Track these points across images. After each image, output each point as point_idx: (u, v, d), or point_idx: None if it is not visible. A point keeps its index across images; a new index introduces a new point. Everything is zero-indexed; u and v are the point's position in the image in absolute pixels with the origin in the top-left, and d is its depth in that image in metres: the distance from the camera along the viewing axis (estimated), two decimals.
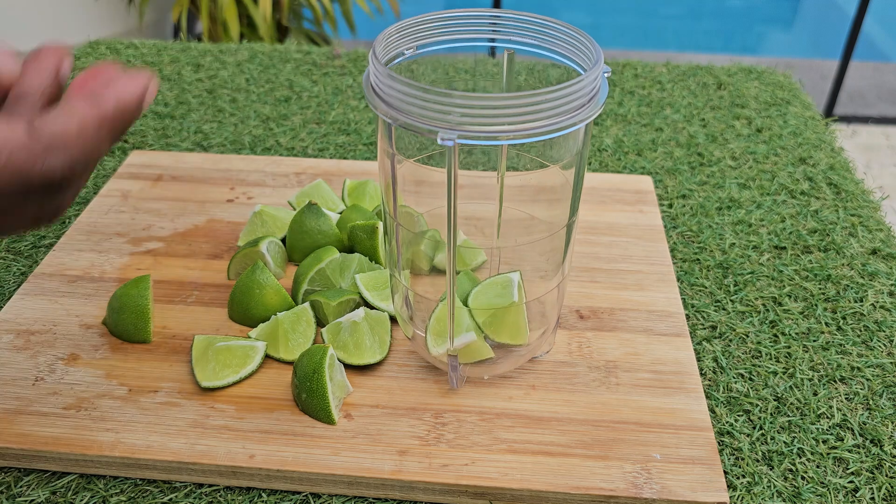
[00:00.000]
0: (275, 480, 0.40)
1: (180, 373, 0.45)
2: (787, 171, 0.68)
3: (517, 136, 0.33)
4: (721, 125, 0.75)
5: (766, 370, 0.47)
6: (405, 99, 0.33)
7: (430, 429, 0.42)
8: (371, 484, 0.39)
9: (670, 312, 0.50)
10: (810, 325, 0.51)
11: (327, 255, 0.50)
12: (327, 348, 0.42)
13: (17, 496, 0.39)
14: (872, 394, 0.46)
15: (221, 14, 1.86)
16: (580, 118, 0.34)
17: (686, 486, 0.39)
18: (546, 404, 0.43)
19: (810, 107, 0.80)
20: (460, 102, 0.32)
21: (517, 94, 0.32)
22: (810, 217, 0.61)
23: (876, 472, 0.42)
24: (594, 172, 0.67)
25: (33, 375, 0.44)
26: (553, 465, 0.40)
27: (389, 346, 0.46)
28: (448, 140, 0.32)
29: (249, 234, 0.55)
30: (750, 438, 0.43)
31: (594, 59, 0.36)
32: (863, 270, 0.56)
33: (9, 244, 0.57)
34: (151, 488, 0.40)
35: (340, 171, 0.64)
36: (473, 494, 0.39)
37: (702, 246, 0.58)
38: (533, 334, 0.44)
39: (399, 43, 0.39)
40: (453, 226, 0.36)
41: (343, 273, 0.50)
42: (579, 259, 0.54)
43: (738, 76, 0.85)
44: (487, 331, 0.42)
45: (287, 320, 0.46)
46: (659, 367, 0.46)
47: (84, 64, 0.85)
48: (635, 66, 0.87)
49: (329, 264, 0.50)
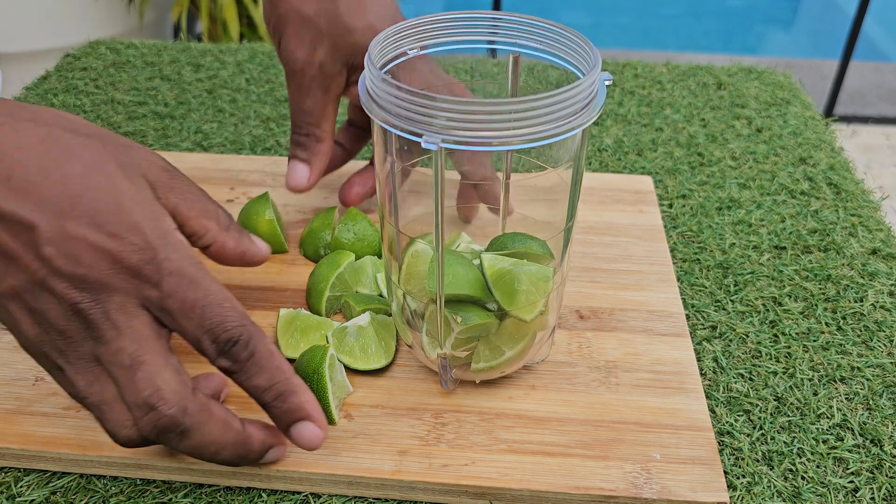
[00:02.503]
0: (275, 480, 0.40)
1: None
2: (787, 171, 0.68)
3: (503, 142, 0.33)
4: (721, 125, 0.75)
5: (766, 370, 0.47)
6: (394, 101, 0.33)
7: (430, 429, 0.42)
8: (371, 484, 0.39)
9: (670, 312, 0.50)
10: (810, 325, 0.51)
11: (344, 258, 0.50)
12: (327, 349, 0.42)
13: (16, 496, 0.39)
14: (872, 394, 0.46)
15: (221, 14, 1.86)
16: (574, 125, 0.34)
17: (686, 486, 0.39)
18: (546, 404, 0.43)
19: (810, 107, 0.80)
20: (445, 107, 0.32)
21: (505, 101, 0.32)
22: (810, 217, 0.61)
23: (876, 472, 0.42)
24: (594, 172, 0.67)
25: (33, 375, 0.44)
26: (553, 465, 0.40)
27: (396, 350, 0.46)
28: (431, 144, 0.32)
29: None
30: (750, 438, 0.43)
31: (592, 63, 0.36)
32: (863, 270, 0.56)
33: None
34: (151, 488, 0.40)
35: (340, 170, 0.64)
36: (473, 494, 0.39)
37: (702, 246, 0.58)
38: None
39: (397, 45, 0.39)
40: (441, 229, 0.36)
41: (359, 277, 0.50)
42: (579, 259, 0.54)
43: (738, 76, 0.85)
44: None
45: (304, 320, 0.47)
46: (659, 367, 0.46)
47: (84, 64, 0.85)
48: (635, 66, 0.87)
49: (347, 268, 0.50)
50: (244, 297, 0.50)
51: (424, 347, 0.43)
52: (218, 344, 0.36)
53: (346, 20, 0.47)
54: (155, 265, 0.35)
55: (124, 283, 0.35)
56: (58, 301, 0.35)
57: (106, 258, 0.35)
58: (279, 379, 0.37)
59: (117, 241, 0.35)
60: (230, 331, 0.36)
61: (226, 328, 0.35)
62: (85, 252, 0.34)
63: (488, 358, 0.42)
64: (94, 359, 0.35)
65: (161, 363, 0.35)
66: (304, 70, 0.49)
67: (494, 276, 0.40)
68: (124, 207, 0.35)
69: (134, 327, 0.35)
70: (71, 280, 0.34)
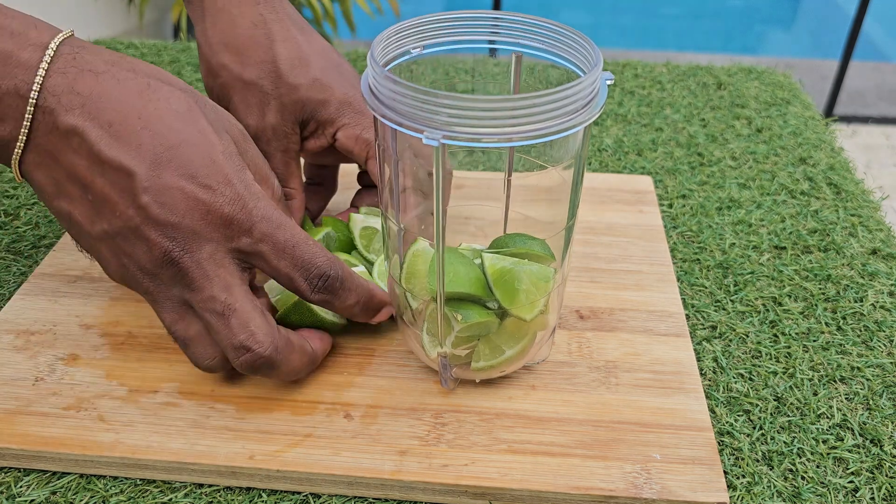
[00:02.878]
0: (275, 480, 0.40)
1: (180, 373, 0.45)
2: (787, 171, 0.68)
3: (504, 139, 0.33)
4: (721, 125, 0.75)
5: (766, 370, 0.47)
6: (397, 98, 0.33)
7: (430, 429, 0.42)
8: (371, 484, 0.39)
9: (670, 312, 0.50)
10: (810, 325, 0.51)
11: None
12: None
13: (17, 496, 0.39)
14: (872, 394, 0.46)
15: None
16: (575, 122, 0.34)
17: (686, 487, 0.39)
18: (546, 404, 0.43)
19: (810, 107, 0.80)
20: (447, 103, 0.32)
21: (507, 98, 0.32)
22: (810, 217, 0.61)
23: (876, 472, 0.42)
24: (594, 172, 0.67)
25: (33, 376, 0.44)
26: (553, 465, 0.40)
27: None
28: (433, 140, 0.32)
29: None
30: (750, 438, 0.43)
31: (593, 62, 0.36)
32: (863, 270, 0.56)
33: (9, 244, 0.57)
34: (151, 488, 0.40)
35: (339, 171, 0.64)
36: (473, 494, 0.39)
37: (702, 246, 0.58)
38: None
39: (398, 44, 0.39)
40: (441, 226, 0.36)
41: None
42: (579, 259, 0.54)
43: (738, 76, 0.85)
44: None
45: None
46: (659, 368, 0.46)
47: None
48: (635, 66, 0.87)
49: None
50: None
51: (425, 346, 0.43)
52: (311, 280, 0.40)
53: (289, 80, 0.47)
54: (246, 213, 0.38)
55: (215, 233, 0.37)
56: (149, 248, 0.37)
57: (199, 208, 0.37)
58: (364, 295, 0.42)
59: (210, 192, 0.37)
60: (321, 266, 0.40)
61: (317, 264, 0.40)
62: (180, 202, 0.37)
63: (488, 357, 0.42)
64: (183, 302, 0.39)
65: (250, 308, 0.38)
66: (258, 136, 0.48)
67: (495, 275, 0.40)
68: (216, 161, 0.38)
69: (222, 276, 0.38)
70: (164, 228, 0.37)
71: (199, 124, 0.38)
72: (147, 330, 0.48)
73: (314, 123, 0.49)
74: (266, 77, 0.47)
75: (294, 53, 0.47)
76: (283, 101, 0.47)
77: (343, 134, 0.48)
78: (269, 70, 0.47)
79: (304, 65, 0.47)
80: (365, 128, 0.48)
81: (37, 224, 0.59)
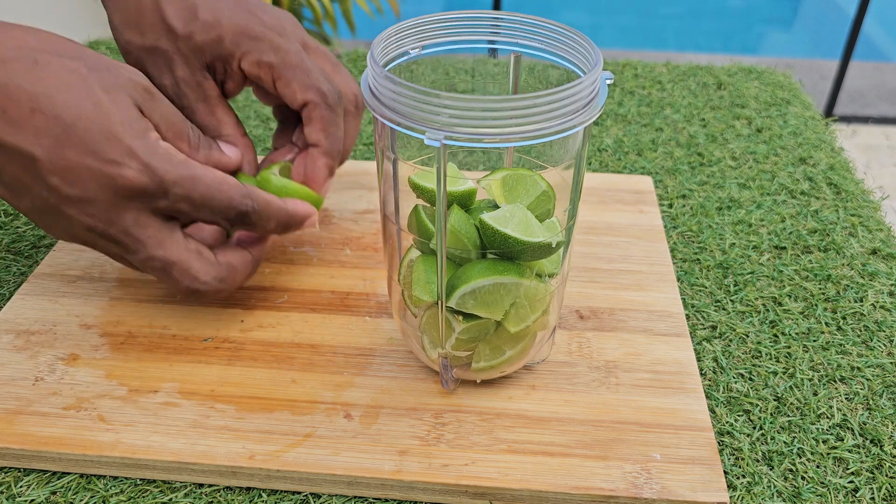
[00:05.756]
0: (275, 480, 0.40)
1: (180, 373, 0.45)
2: (787, 171, 0.68)
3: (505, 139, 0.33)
4: (721, 125, 0.75)
5: (766, 370, 0.47)
6: (397, 99, 0.33)
7: (430, 429, 0.42)
8: (371, 484, 0.39)
9: (670, 312, 0.50)
10: (810, 325, 0.51)
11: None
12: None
13: (17, 496, 0.39)
14: (872, 394, 0.46)
15: None
16: (575, 122, 0.34)
17: (686, 486, 0.39)
18: (546, 404, 0.43)
19: (810, 107, 0.80)
20: (448, 104, 0.32)
21: (507, 98, 0.32)
22: (810, 217, 0.61)
23: (876, 472, 0.42)
24: (594, 172, 0.67)
25: (33, 375, 0.44)
26: (553, 465, 0.40)
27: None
28: (434, 140, 0.32)
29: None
30: (750, 438, 0.43)
31: (593, 62, 0.36)
32: (863, 270, 0.56)
33: (9, 244, 0.57)
34: (151, 488, 0.40)
35: (339, 171, 0.64)
36: (473, 494, 0.39)
37: (702, 246, 0.58)
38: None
39: (398, 44, 0.39)
40: (443, 228, 0.36)
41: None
42: (579, 259, 0.54)
43: (738, 76, 0.85)
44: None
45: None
46: (659, 367, 0.46)
47: None
48: (635, 66, 0.87)
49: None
50: (244, 298, 0.50)
51: (425, 347, 0.43)
52: (231, 220, 0.42)
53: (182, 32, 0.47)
54: (157, 180, 0.38)
55: (132, 202, 0.38)
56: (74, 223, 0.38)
57: (109, 183, 0.37)
58: (282, 217, 0.45)
59: (116, 166, 0.37)
60: (237, 207, 0.42)
61: (233, 206, 0.42)
62: (88, 179, 0.37)
63: (489, 357, 0.42)
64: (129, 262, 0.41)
65: (186, 256, 0.41)
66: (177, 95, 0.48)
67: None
68: (115, 133, 0.38)
69: (151, 235, 0.40)
70: (81, 205, 0.38)
71: (92, 95, 0.38)
72: (147, 330, 0.48)
73: (219, 63, 0.48)
74: (162, 37, 0.47)
75: (180, 5, 0.47)
76: (183, 54, 0.47)
77: (246, 64, 0.48)
78: (163, 30, 0.47)
79: (192, 12, 0.47)
80: (264, 52, 0.47)
81: (36, 224, 0.59)
